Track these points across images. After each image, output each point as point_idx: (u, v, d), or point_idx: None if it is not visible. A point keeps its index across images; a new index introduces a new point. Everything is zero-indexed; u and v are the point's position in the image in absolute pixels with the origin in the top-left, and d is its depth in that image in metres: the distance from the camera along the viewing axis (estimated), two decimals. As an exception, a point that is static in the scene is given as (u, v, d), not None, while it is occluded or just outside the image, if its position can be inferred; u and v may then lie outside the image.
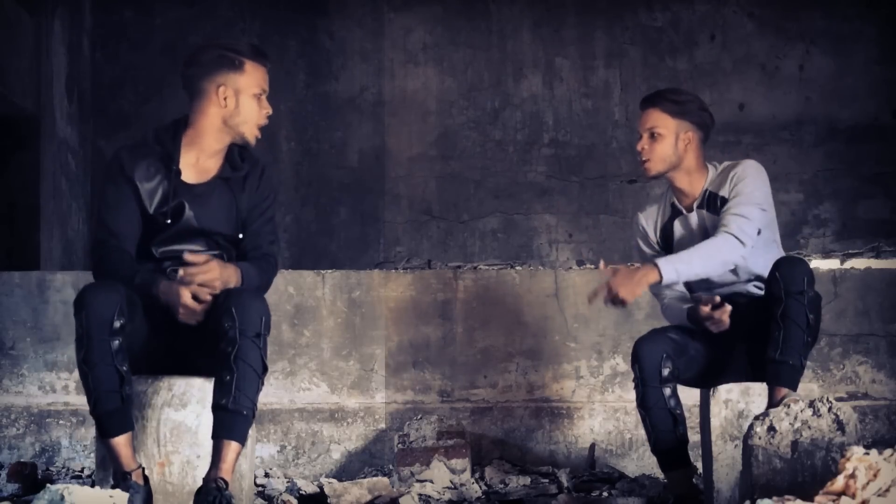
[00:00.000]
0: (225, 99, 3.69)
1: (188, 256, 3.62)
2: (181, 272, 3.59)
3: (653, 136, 4.03)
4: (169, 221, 3.69)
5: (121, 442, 3.47)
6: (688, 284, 4.13)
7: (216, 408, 3.48)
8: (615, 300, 3.82)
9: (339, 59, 7.57)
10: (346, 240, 7.49)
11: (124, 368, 3.45)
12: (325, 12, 7.57)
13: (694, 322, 4.01)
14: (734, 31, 7.55)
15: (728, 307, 3.95)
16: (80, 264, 7.00)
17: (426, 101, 7.56)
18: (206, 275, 3.58)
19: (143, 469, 3.51)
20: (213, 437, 3.48)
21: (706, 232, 4.05)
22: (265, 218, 3.83)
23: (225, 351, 3.46)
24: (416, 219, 7.52)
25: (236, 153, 3.79)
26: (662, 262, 3.84)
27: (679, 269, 3.84)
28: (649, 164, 4.04)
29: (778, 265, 3.81)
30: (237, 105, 3.70)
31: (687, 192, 4.10)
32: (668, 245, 4.14)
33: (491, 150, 7.56)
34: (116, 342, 3.43)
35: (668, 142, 4.02)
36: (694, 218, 4.08)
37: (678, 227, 4.12)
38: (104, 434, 3.47)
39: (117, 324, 3.43)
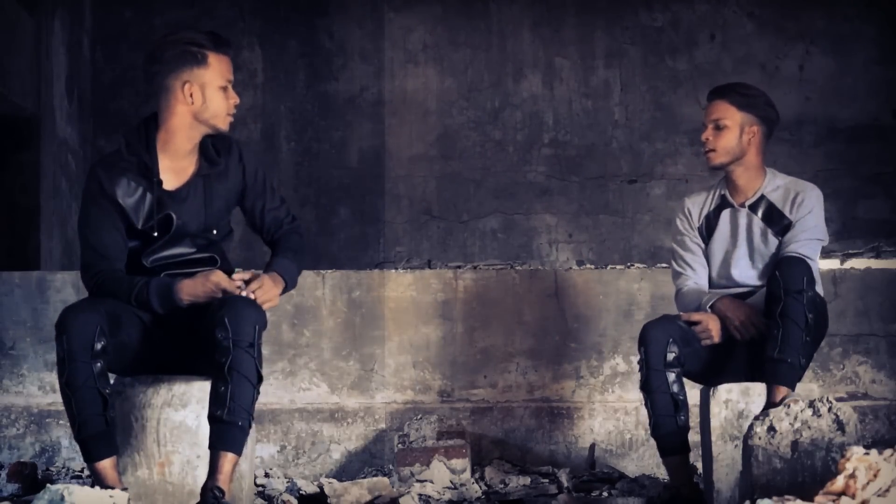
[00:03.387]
0: (191, 95, 3.61)
1: (238, 279, 3.58)
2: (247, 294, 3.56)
3: (718, 127, 4.06)
4: (156, 234, 3.63)
5: (106, 465, 3.45)
6: (710, 281, 4.16)
7: (212, 419, 3.45)
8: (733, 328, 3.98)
9: (339, 59, 7.57)
10: (346, 240, 7.49)
11: (107, 392, 3.43)
12: (325, 12, 7.57)
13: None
14: (734, 31, 7.55)
15: (711, 321, 3.97)
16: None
17: (426, 101, 7.56)
18: (268, 294, 3.59)
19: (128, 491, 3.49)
20: (210, 447, 3.46)
21: (751, 234, 4.08)
22: (268, 193, 3.83)
23: (219, 362, 3.43)
24: (416, 219, 7.52)
25: (210, 146, 3.72)
26: None
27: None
28: (713, 155, 4.06)
29: (778, 264, 3.83)
30: (204, 100, 3.62)
31: (742, 188, 4.12)
32: (710, 233, 4.16)
33: (491, 150, 7.56)
34: (98, 365, 3.41)
35: (733, 133, 4.05)
36: (743, 217, 4.11)
37: (724, 219, 4.13)
38: (89, 459, 3.44)
39: (98, 346, 3.40)
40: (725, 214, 4.14)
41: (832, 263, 6.75)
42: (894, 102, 7.47)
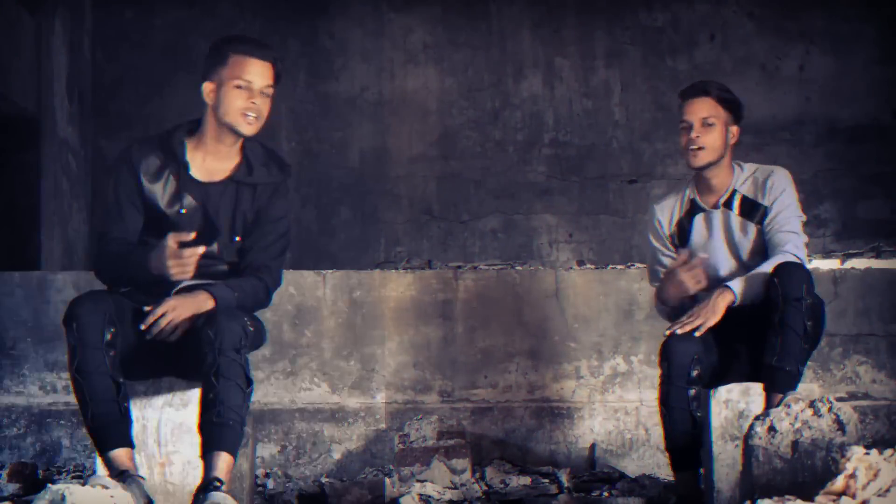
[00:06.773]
0: (211, 94, 3.64)
1: (151, 318, 3.49)
2: (143, 328, 3.47)
3: (706, 125, 3.93)
4: (183, 211, 3.61)
5: (121, 455, 3.37)
6: None
7: (203, 424, 3.39)
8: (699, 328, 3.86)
9: (339, 59, 7.57)
10: (346, 240, 7.49)
11: (120, 380, 3.40)
12: (325, 12, 7.57)
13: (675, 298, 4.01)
14: (734, 31, 7.55)
15: (698, 262, 3.92)
16: (81, 264, 6.99)
17: (426, 101, 7.57)
18: (169, 319, 3.48)
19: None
20: (203, 454, 3.37)
21: (730, 231, 4.03)
22: (277, 235, 3.74)
23: (207, 373, 3.39)
24: (416, 219, 7.52)
25: (261, 156, 3.72)
26: (733, 284, 3.85)
27: (746, 290, 3.84)
28: (703, 154, 3.94)
29: (777, 271, 3.78)
30: (219, 97, 3.62)
31: (715, 188, 4.04)
32: (684, 240, 4.09)
33: (491, 150, 7.56)
34: (111, 353, 3.39)
35: (720, 131, 3.95)
36: (717, 217, 4.05)
37: (698, 224, 4.08)
38: (102, 447, 3.38)
39: (108, 334, 3.39)
40: (699, 219, 4.07)
41: (832, 263, 6.75)
42: (894, 102, 7.47)
